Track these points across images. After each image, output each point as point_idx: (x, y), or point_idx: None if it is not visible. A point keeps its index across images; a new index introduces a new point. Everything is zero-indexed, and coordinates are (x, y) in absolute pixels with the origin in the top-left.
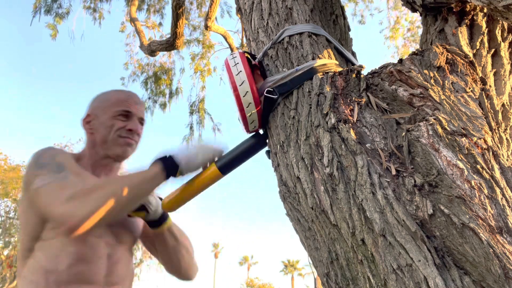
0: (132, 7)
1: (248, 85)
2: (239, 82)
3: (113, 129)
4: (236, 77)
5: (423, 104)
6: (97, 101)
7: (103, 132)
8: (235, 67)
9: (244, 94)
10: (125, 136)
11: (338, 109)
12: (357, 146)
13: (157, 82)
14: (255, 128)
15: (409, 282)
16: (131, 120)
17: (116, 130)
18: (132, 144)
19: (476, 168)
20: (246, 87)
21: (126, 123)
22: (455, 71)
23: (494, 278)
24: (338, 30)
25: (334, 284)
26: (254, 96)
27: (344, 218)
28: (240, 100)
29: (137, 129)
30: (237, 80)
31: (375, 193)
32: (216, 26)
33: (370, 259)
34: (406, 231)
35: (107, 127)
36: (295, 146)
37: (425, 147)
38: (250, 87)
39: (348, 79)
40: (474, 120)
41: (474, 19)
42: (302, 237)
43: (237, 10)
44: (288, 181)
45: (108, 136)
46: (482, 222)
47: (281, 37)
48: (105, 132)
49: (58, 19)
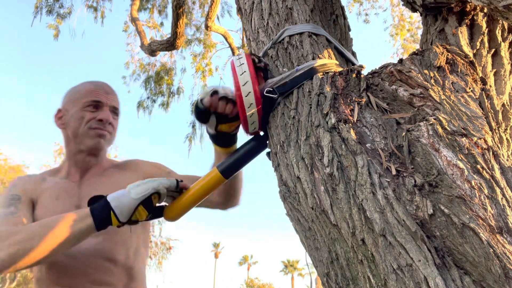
0: (133, 7)
1: (251, 85)
2: (242, 82)
3: (83, 121)
4: (240, 77)
5: (423, 104)
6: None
7: (73, 125)
8: (240, 68)
9: (246, 94)
10: (95, 127)
11: (338, 109)
12: (357, 146)
13: (158, 82)
14: (255, 130)
15: (409, 282)
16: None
17: (87, 121)
18: (104, 135)
19: (476, 168)
20: (249, 88)
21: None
22: (455, 71)
23: (494, 278)
24: (338, 30)
25: (334, 284)
26: (256, 97)
27: (344, 218)
28: (242, 100)
29: (108, 118)
30: (240, 80)
31: (375, 193)
32: (217, 26)
33: (370, 259)
34: (406, 231)
35: (77, 119)
36: (295, 146)
37: (425, 147)
38: (253, 87)
39: (348, 79)
40: (474, 120)
41: (474, 19)
42: (302, 237)
43: (237, 10)
44: (288, 181)
45: (78, 128)
46: (482, 222)
47: (281, 37)
48: (75, 125)
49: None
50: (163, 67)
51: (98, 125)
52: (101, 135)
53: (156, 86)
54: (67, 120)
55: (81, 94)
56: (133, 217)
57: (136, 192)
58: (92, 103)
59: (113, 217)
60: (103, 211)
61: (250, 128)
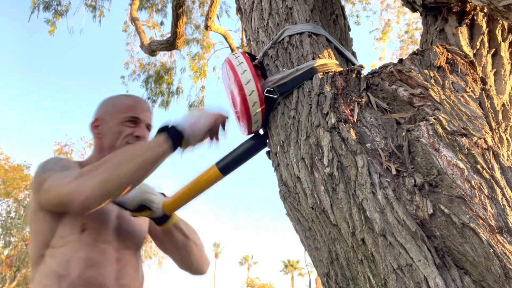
0: (133, 6)
1: (254, 84)
2: (245, 81)
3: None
4: (241, 76)
5: (423, 104)
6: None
7: (111, 138)
8: (239, 66)
9: (250, 93)
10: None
11: (338, 109)
12: (357, 146)
13: (158, 82)
14: (258, 128)
15: (409, 282)
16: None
17: (125, 136)
18: None
19: (476, 168)
20: (252, 86)
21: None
22: (455, 71)
23: (494, 278)
24: (338, 30)
25: (334, 284)
26: (259, 95)
27: (344, 218)
28: (246, 99)
29: (145, 135)
30: (242, 79)
31: (375, 193)
32: (216, 26)
33: (370, 259)
34: (406, 231)
35: (115, 133)
36: (295, 146)
37: (425, 147)
38: (256, 86)
39: (348, 79)
40: (474, 120)
41: (474, 19)
42: (302, 237)
43: (237, 10)
44: (288, 181)
45: (116, 142)
46: (482, 222)
47: (281, 37)
48: (113, 137)
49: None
50: (163, 66)
51: (134, 140)
52: None
53: (156, 85)
54: (105, 131)
55: (121, 107)
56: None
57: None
58: (131, 118)
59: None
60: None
61: (254, 127)
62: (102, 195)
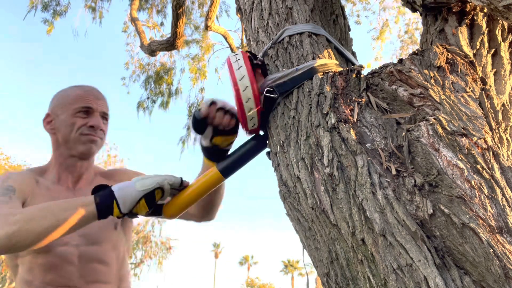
0: (133, 6)
1: (248, 79)
2: (239, 76)
3: (75, 127)
4: (236, 72)
5: (423, 104)
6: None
7: (64, 131)
8: (236, 63)
9: (244, 89)
10: (87, 133)
11: (338, 109)
12: (357, 146)
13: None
14: (254, 127)
15: (409, 282)
16: (92, 116)
17: (78, 128)
18: (95, 141)
19: (476, 168)
20: (246, 82)
21: (87, 119)
22: (455, 71)
23: (494, 278)
24: (338, 30)
25: (334, 284)
26: (254, 91)
27: (344, 218)
28: (240, 95)
29: (99, 124)
30: (237, 74)
31: (375, 193)
32: (216, 26)
33: (370, 259)
34: (406, 231)
35: (68, 125)
36: (295, 146)
37: (425, 147)
38: (250, 81)
39: (348, 79)
40: (474, 120)
41: (474, 19)
42: (302, 237)
43: (237, 10)
44: (288, 181)
45: (70, 135)
46: (482, 222)
47: (281, 37)
48: (66, 131)
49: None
50: (162, 67)
51: (89, 131)
52: (92, 140)
53: (156, 85)
54: (57, 125)
55: (71, 99)
56: (134, 209)
57: (141, 185)
58: (83, 109)
59: (116, 207)
60: (107, 199)
61: (249, 125)
62: (8, 248)
